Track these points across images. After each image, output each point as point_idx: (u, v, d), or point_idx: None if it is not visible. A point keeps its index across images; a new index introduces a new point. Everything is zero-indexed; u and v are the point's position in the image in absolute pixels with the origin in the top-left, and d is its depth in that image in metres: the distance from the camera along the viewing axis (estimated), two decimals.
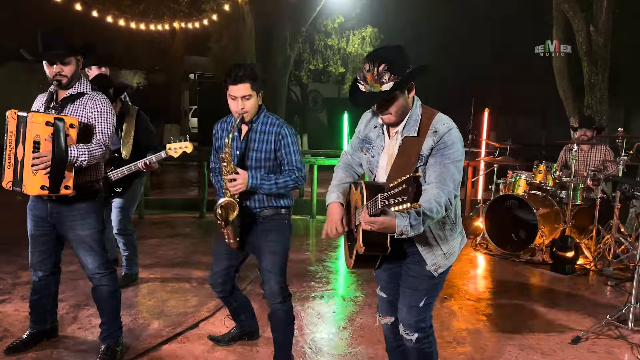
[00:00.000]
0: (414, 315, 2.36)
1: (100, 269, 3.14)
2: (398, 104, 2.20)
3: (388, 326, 2.62)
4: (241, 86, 2.82)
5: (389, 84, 2.10)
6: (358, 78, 2.21)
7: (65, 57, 2.93)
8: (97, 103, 3.02)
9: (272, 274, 2.95)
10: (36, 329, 3.35)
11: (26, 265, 5.02)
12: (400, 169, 2.22)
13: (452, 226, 2.32)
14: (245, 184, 2.83)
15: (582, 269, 5.42)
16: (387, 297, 2.56)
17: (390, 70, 2.09)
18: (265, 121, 2.98)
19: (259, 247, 3.01)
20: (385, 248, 2.20)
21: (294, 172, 2.93)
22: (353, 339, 3.63)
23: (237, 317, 3.47)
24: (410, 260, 2.37)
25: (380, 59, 2.11)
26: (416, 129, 2.24)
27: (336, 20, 13.23)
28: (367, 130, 2.45)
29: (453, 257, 2.34)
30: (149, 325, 3.74)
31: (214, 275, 3.18)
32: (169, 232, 6.81)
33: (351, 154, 2.58)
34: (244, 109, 2.86)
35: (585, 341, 3.68)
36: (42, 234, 3.13)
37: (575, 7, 7.46)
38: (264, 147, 2.94)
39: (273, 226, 3.00)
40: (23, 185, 2.78)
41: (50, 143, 2.69)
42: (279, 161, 2.97)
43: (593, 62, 7.43)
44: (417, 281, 2.35)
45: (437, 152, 2.19)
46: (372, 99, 2.17)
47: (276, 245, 2.98)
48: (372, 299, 4.42)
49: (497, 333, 3.81)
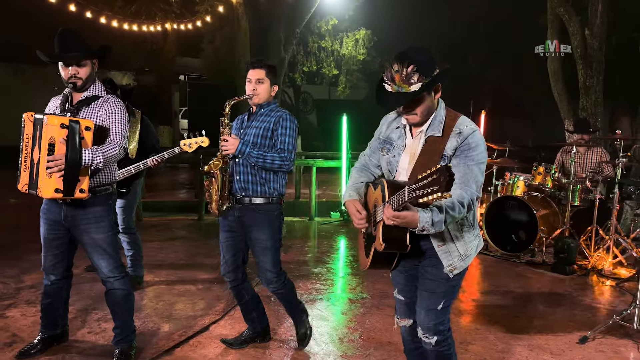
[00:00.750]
0: (433, 318, 2.37)
1: (113, 273, 3.12)
2: (425, 104, 2.21)
3: (406, 328, 2.62)
4: (257, 70, 3.19)
5: (417, 84, 2.11)
6: (385, 78, 2.21)
7: (81, 59, 2.92)
8: (112, 106, 3.01)
9: (266, 268, 3.23)
10: (47, 334, 3.32)
11: (28, 268, 5.01)
12: (423, 168, 2.20)
13: (470, 228, 2.34)
14: (236, 146, 3.07)
15: (581, 269, 5.49)
16: (404, 300, 2.57)
17: (419, 71, 2.10)
18: (273, 108, 3.27)
19: (251, 241, 3.24)
20: (405, 245, 2.20)
21: (283, 153, 3.14)
22: (364, 341, 3.64)
23: (248, 314, 3.49)
24: (427, 262, 2.38)
25: (409, 59, 2.11)
26: (440, 129, 2.26)
27: (330, 22, 13.26)
28: (388, 132, 2.46)
29: (469, 260, 2.35)
30: (159, 329, 3.72)
31: (225, 264, 3.34)
32: (168, 235, 6.78)
33: (369, 155, 2.59)
34: (255, 90, 3.18)
35: (592, 341, 3.73)
36: (56, 238, 3.11)
37: (571, 10, 7.56)
38: (263, 125, 3.19)
39: (263, 219, 3.19)
40: (38, 188, 2.76)
41: (64, 146, 2.67)
42: (273, 141, 3.18)
43: (588, 65, 7.53)
44: (434, 284, 2.36)
45: (460, 153, 2.21)
46: (400, 99, 2.18)
47: (267, 240, 3.20)
48: (378, 300, 4.44)
49: (505, 333, 3.84)
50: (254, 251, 3.25)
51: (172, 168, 14.96)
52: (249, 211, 3.20)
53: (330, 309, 4.27)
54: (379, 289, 4.75)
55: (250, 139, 3.17)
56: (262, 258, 3.22)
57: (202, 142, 4.03)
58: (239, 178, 3.19)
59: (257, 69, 3.19)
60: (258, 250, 3.21)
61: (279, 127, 3.16)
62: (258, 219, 3.18)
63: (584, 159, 6.41)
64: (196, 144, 4.03)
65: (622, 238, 5.62)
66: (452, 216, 2.11)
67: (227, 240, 3.31)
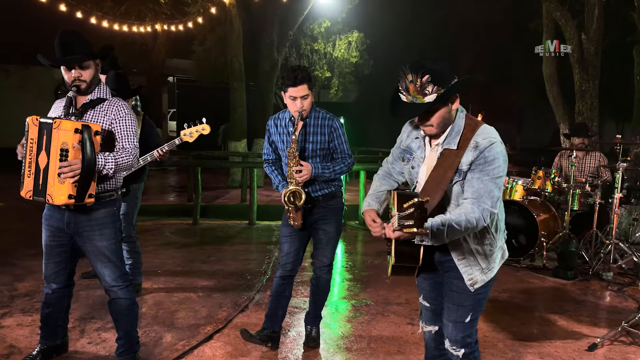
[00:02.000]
0: (460, 331, 2.32)
1: (117, 282, 3.01)
2: (440, 115, 2.14)
3: (431, 335, 2.56)
4: (301, 87, 3.15)
5: (432, 95, 2.05)
6: (400, 88, 2.14)
7: (84, 61, 2.81)
8: (118, 109, 2.91)
9: (327, 254, 3.43)
10: (46, 345, 3.19)
11: (22, 275, 4.86)
12: (436, 183, 2.17)
13: (492, 241, 2.26)
14: (310, 173, 3.21)
15: (582, 274, 5.48)
16: (430, 306, 2.51)
17: (434, 82, 2.04)
18: (317, 116, 3.33)
19: (318, 230, 3.42)
20: (417, 260, 2.15)
21: (346, 158, 3.37)
22: (373, 350, 3.57)
23: (277, 310, 3.50)
24: (452, 275, 2.31)
25: (425, 69, 2.04)
26: (456, 142, 2.17)
27: (322, 24, 13.20)
28: (408, 141, 2.40)
29: (492, 273, 2.27)
30: (161, 339, 3.61)
31: (287, 255, 3.42)
32: (163, 240, 6.66)
33: (392, 163, 2.54)
34: (302, 107, 3.19)
35: (602, 348, 3.70)
36: (58, 245, 2.99)
37: (567, 15, 7.59)
38: (319, 139, 3.31)
39: (330, 211, 3.40)
40: (48, 194, 2.64)
41: (80, 151, 2.57)
42: (331, 150, 3.36)
43: (584, 69, 7.56)
44: (461, 297, 2.30)
45: (476, 167, 2.12)
46: (414, 110, 2.12)
47: (334, 232, 3.42)
48: (383, 307, 4.38)
49: (514, 341, 3.80)
50: (317, 239, 3.43)
51: (162, 171, 14.79)
52: (317, 207, 3.37)
53: (335, 316, 4.20)
54: (382, 295, 4.68)
55: (310, 153, 3.30)
56: (325, 244, 3.41)
57: (202, 129, 3.93)
58: (310, 191, 3.34)
59: (300, 86, 3.14)
60: (323, 240, 3.41)
61: (334, 138, 3.32)
62: (327, 213, 3.38)
63: (582, 163, 6.42)
64: (197, 132, 3.93)
65: (622, 242, 5.62)
66: (457, 230, 2.05)
67: (291, 235, 3.40)
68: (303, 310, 4.02)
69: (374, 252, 6.41)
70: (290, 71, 3.19)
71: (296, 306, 4.32)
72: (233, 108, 11.73)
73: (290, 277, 3.47)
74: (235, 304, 4.31)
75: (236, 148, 11.55)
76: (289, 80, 3.14)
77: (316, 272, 3.50)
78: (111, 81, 4.04)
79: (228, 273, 5.22)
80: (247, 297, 4.51)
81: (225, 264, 5.59)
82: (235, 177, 11.74)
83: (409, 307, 4.39)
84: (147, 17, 13.18)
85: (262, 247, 6.43)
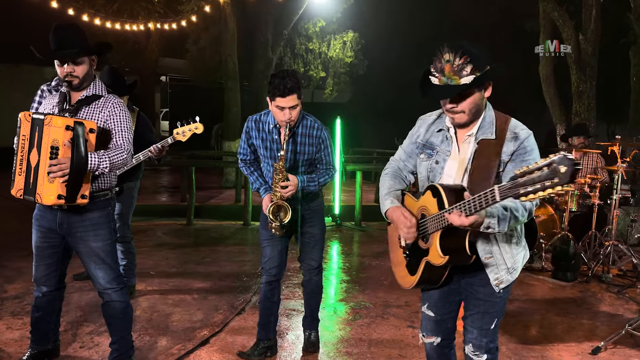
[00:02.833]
0: (485, 337, 2.25)
1: (111, 284, 2.91)
2: (473, 101, 2.03)
3: (432, 346, 2.46)
4: (289, 98, 2.92)
5: (469, 77, 1.94)
6: (432, 70, 2.03)
7: (78, 57, 2.71)
8: (114, 107, 2.81)
9: (315, 257, 3.36)
10: (37, 349, 3.08)
11: (11, 277, 4.73)
12: (482, 172, 2.05)
13: (518, 240, 2.20)
14: (296, 188, 3.07)
15: (582, 276, 5.43)
16: (434, 317, 2.40)
17: (472, 63, 1.93)
18: (306, 124, 3.16)
19: (304, 234, 3.32)
20: (467, 255, 2.02)
21: (330, 170, 3.28)
22: (373, 354, 3.49)
23: (268, 317, 3.36)
24: (476, 282, 2.22)
25: (463, 49, 1.94)
26: (493, 132, 2.08)
27: (317, 24, 13.11)
28: (428, 135, 2.27)
29: (516, 273, 2.20)
30: (156, 343, 3.51)
31: (270, 259, 3.28)
32: (157, 241, 6.54)
33: (404, 160, 2.40)
34: (290, 118, 2.98)
35: (605, 351, 3.65)
36: (49, 246, 2.88)
37: (565, 15, 7.56)
38: (307, 150, 3.18)
39: (312, 213, 3.31)
40: (37, 193, 2.54)
41: (70, 149, 2.47)
42: (316, 161, 3.25)
43: (582, 69, 7.54)
44: (487, 304, 2.22)
45: (517, 157, 2.05)
46: (449, 91, 1.99)
47: (320, 233, 3.36)
48: (382, 310, 4.30)
49: (517, 344, 3.73)
50: (303, 243, 3.34)
51: (153, 171, 14.63)
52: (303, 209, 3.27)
53: (334, 319, 4.11)
54: (381, 298, 4.61)
55: (294, 164, 3.18)
56: (313, 249, 3.34)
57: (196, 129, 3.85)
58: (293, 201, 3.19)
59: (288, 96, 2.89)
60: (310, 243, 3.32)
61: (321, 150, 3.22)
62: (309, 215, 3.30)
63: (580, 164, 6.37)
64: (190, 131, 3.85)
65: (621, 244, 5.58)
66: (516, 217, 1.97)
67: (272, 237, 3.25)
68: (300, 313, 3.93)
69: (371, 253, 6.33)
70: (279, 79, 2.90)
71: (293, 308, 4.24)
72: (227, 108, 11.62)
73: (276, 281, 3.33)
74: (232, 307, 4.22)
75: (230, 148, 11.44)
76: (278, 90, 2.87)
77: (306, 276, 3.42)
78: (106, 76, 3.94)
79: (223, 275, 5.12)
80: (243, 299, 4.42)
81: (220, 265, 5.49)
82: (229, 177, 11.63)
83: (408, 310, 4.32)
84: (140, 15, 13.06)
85: (258, 249, 6.26)
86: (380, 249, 6.50)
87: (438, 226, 2.01)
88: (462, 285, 2.29)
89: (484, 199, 1.80)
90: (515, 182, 1.65)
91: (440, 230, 2.01)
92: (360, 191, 8.13)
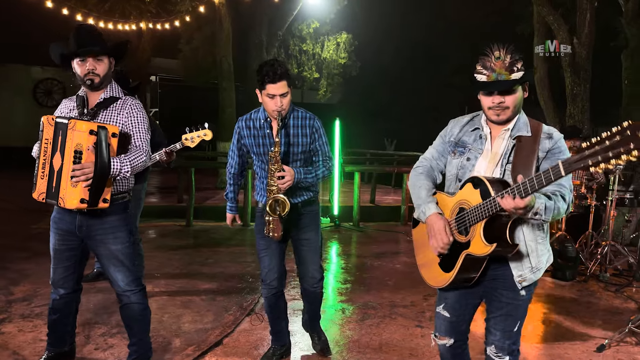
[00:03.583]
0: (508, 339, 2.29)
1: (130, 286, 2.93)
2: (517, 98, 2.16)
3: (446, 348, 2.50)
4: (280, 84, 2.89)
5: (519, 73, 2.09)
6: (480, 68, 2.15)
7: (99, 55, 2.72)
8: (132, 109, 2.83)
9: (315, 267, 3.22)
10: (54, 352, 3.09)
11: (17, 279, 4.72)
12: (523, 164, 2.12)
13: (544, 240, 2.25)
14: (293, 179, 2.96)
15: (580, 275, 5.55)
16: (450, 317, 2.44)
17: (521, 60, 2.10)
18: (297, 115, 3.09)
19: (299, 241, 3.20)
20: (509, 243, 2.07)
21: (327, 161, 3.16)
22: (385, 353, 3.54)
23: (279, 324, 3.34)
24: (499, 284, 2.27)
25: (513, 49, 2.10)
26: (529, 130, 2.19)
27: (311, 25, 13.16)
28: (461, 134, 2.36)
29: (539, 273, 2.25)
30: (170, 344, 3.53)
31: (270, 270, 3.18)
32: (158, 242, 6.54)
33: (436, 159, 2.46)
34: (281, 106, 2.92)
35: (609, 349, 3.74)
36: (67, 249, 2.89)
37: (560, 20, 7.69)
38: (302, 140, 3.08)
39: (309, 217, 3.20)
40: (60, 197, 2.55)
41: (93, 154, 2.48)
42: (312, 153, 3.15)
43: (576, 72, 7.67)
44: (511, 307, 2.27)
45: (552, 155, 2.14)
46: (501, 85, 2.12)
47: (316, 240, 3.21)
48: (390, 310, 4.35)
49: (523, 342, 3.75)
50: (301, 252, 3.21)
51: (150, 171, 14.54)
52: (295, 214, 3.12)
53: (343, 320, 4.16)
54: (387, 298, 4.66)
55: (291, 157, 3.08)
56: (311, 257, 3.21)
57: (204, 135, 3.85)
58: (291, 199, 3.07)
59: (279, 82, 2.87)
60: (308, 251, 3.19)
61: (315, 139, 3.12)
62: (306, 221, 3.17)
63: None
64: (199, 137, 3.85)
65: (617, 244, 5.70)
66: (559, 208, 2.02)
67: (269, 247, 3.15)
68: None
69: (371, 254, 6.39)
70: (268, 66, 2.89)
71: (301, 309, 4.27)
72: (222, 108, 11.62)
73: (279, 292, 3.25)
74: (241, 307, 4.25)
75: (225, 148, 11.43)
76: (268, 76, 2.84)
77: (308, 289, 3.28)
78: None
79: (229, 275, 5.14)
80: (251, 300, 4.44)
81: (224, 266, 5.51)
82: (224, 177, 11.60)
83: (415, 310, 4.38)
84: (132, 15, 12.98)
85: None
86: (379, 250, 6.57)
87: (482, 215, 2.06)
88: (484, 287, 2.33)
89: (544, 177, 1.84)
90: (583, 155, 1.69)
91: (484, 219, 2.06)
92: (359, 192, 8.18)
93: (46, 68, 16.84)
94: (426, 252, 2.39)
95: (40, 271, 4.92)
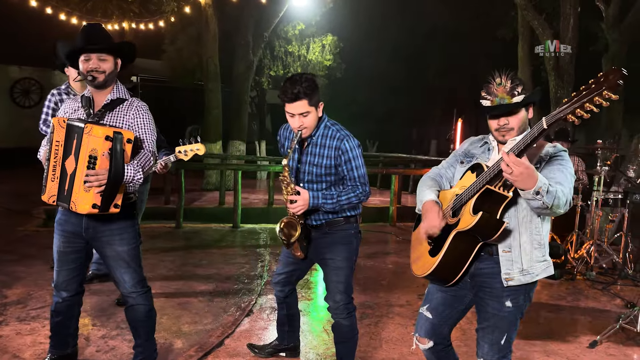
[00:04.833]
0: (496, 352, 2.32)
1: (136, 287, 2.92)
2: (521, 119, 2.25)
3: (427, 350, 2.50)
4: (298, 103, 2.70)
5: (519, 96, 2.21)
6: (484, 94, 2.28)
7: (105, 52, 2.72)
8: (139, 110, 2.82)
9: (337, 290, 2.92)
10: (57, 354, 3.06)
11: (8, 282, 4.65)
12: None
13: (540, 247, 2.30)
14: (306, 205, 2.75)
15: (567, 273, 5.69)
16: (432, 319, 2.46)
17: (521, 85, 2.22)
18: (326, 134, 2.85)
19: (323, 260, 2.95)
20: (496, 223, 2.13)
21: (358, 187, 2.82)
22: (386, 351, 3.59)
23: (282, 326, 3.36)
24: (486, 293, 2.32)
25: (513, 75, 2.23)
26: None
27: (297, 27, 13.19)
28: (471, 147, 2.53)
29: (529, 278, 2.28)
30: (172, 345, 3.53)
31: (277, 275, 3.18)
32: (149, 244, 6.46)
33: (445, 168, 2.60)
34: (302, 125, 2.75)
35: (601, 345, 3.85)
36: (73, 251, 2.87)
37: (544, 24, 7.86)
38: (323, 162, 2.83)
39: (338, 238, 2.91)
40: (72, 201, 2.53)
41: (108, 160, 2.47)
42: (341, 175, 2.86)
43: (559, 76, 7.85)
44: (496, 319, 2.31)
45: (555, 159, 2.24)
46: (504, 107, 2.23)
47: (341, 260, 2.90)
48: (386, 309, 4.41)
49: (518, 340, 3.86)
50: (324, 272, 2.96)
51: None
52: (318, 234, 2.93)
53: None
54: (383, 298, 4.72)
55: (313, 178, 2.86)
56: (332, 278, 2.91)
57: (197, 149, 3.87)
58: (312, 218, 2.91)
59: (297, 102, 2.68)
60: (328, 270, 2.92)
61: (341, 162, 2.80)
62: (329, 240, 2.91)
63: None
64: (192, 151, 3.87)
65: (602, 243, 5.87)
66: (559, 199, 2.04)
67: (289, 257, 3.08)
68: (304, 314, 4.04)
69: (363, 254, 6.44)
70: (289, 83, 2.70)
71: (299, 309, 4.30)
72: (207, 109, 11.56)
73: (282, 297, 3.22)
74: (239, 308, 4.26)
75: (211, 150, 11.37)
76: (284, 95, 2.68)
77: (333, 317, 2.99)
78: None
79: (224, 277, 5.14)
80: (249, 301, 4.46)
81: (218, 267, 5.50)
82: (210, 179, 11.57)
83: (411, 309, 4.45)
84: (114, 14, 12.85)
85: (252, 251, 6.36)
86: (371, 250, 6.63)
87: (475, 189, 2.16)
88: (471, 294, 2.39)
89: (529, 134, 1.98)
90: (562, 106, 1.87)
91: (476, 194, 2.15)
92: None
93: (24, 67, 16.46)
94: (419, 246, 2.47)
95: (31, 274, 4.86)
